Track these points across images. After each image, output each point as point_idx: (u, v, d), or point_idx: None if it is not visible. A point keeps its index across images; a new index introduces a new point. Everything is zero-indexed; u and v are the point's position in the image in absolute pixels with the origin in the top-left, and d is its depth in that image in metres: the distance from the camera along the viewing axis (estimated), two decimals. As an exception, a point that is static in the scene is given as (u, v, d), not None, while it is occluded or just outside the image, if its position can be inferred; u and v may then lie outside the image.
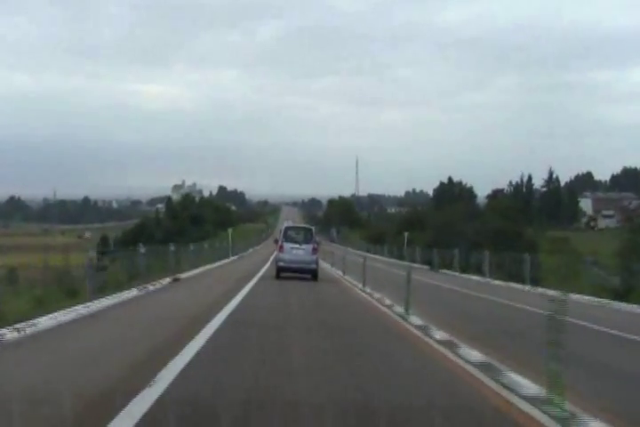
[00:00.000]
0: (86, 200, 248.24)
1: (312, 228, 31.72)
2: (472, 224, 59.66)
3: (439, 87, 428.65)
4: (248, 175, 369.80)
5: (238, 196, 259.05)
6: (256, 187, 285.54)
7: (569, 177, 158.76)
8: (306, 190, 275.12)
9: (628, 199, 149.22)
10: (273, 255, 38.39)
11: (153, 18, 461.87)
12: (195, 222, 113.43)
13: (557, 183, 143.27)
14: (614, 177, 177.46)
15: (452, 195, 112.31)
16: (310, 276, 28.02)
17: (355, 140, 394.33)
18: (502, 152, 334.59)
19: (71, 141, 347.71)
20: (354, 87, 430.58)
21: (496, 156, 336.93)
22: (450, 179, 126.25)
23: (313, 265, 28.21)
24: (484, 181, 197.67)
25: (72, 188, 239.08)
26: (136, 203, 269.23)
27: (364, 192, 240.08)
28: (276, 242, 29.63)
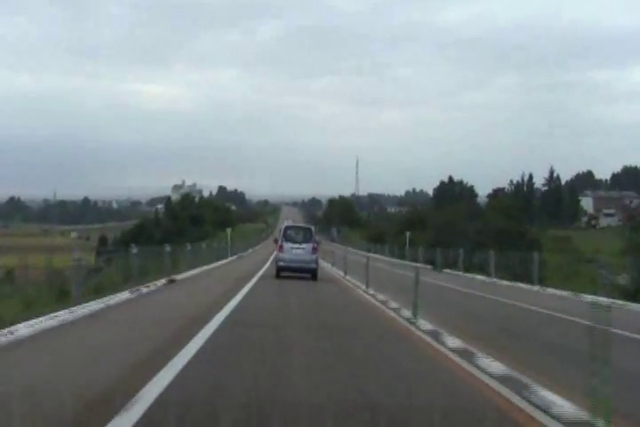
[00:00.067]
0: (86, 201, 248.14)
1: (312, 227, 31.91)
2: (474, 223, 59.11)
3: (439, 87, 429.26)
4: (248, 175, 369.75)
5: (238, 196, 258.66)
6: (256, 187, 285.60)
7: (569, 176, 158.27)
8: (306, 190, 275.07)
9: (629, 198, 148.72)
10: (272, 255, 38.56)
11: (153, 18, 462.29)
12: (194, 223, 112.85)
13: (558, 182, 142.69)
14: (615, 176, 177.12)
15: (453, 194, 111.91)
16: (310, 275, 28.03)
17: (355, 140, 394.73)
18: (502, 152, 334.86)
19: (71, 142, 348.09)
20: (354, 87, 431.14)
21: (496, 155, 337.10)
22: (450, 178, 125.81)
23: (313, 265, 28.24)
24: (484, 181, 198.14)
25: (72, 188, 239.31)
26: (136, 203, 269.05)
27: (364, 192, 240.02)
28: (276, 242, 29.78)
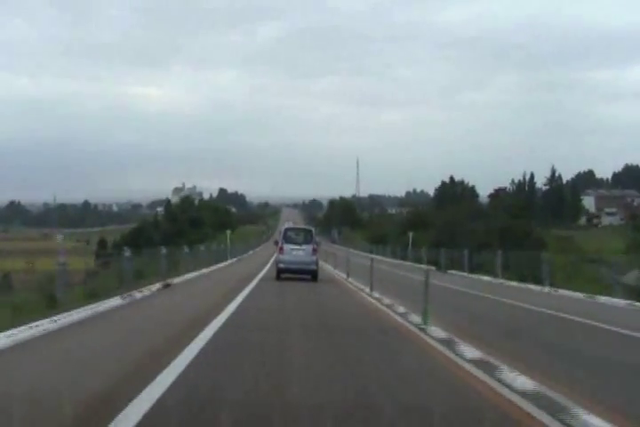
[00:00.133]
0: (86, 204, 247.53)
1: (312, 229, 32.11)
2: (476, 223, 58.49)
3: (439, 87, 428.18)
4: (248, 177, 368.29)
5: (239, 198, 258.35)
6: (256, 189, 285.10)
7: (570, 175, 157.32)
8: (306, 192, 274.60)
9: (631, 197, 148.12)
10: (273, 258, 37.95)
11: (153, 20, 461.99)
12: (194, 225, 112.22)
13: (560, 181, 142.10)
14: (616, 175, 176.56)
15: (454, 194, 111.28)
16: (310, 277, 28.03)
17: (355, 140, 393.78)
18: (503, 151, 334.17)
19: (71, 145, 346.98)
20: (354, 87, 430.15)
21: (496, 155, 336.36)
22: (452, 178, 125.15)
23: (313, 266, 28.30)
24: (485, 181, 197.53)
25: (72, 191, 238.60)
26: (136, 206, 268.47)
27: (365, 193, 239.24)
28: (276, 243, 29.86)
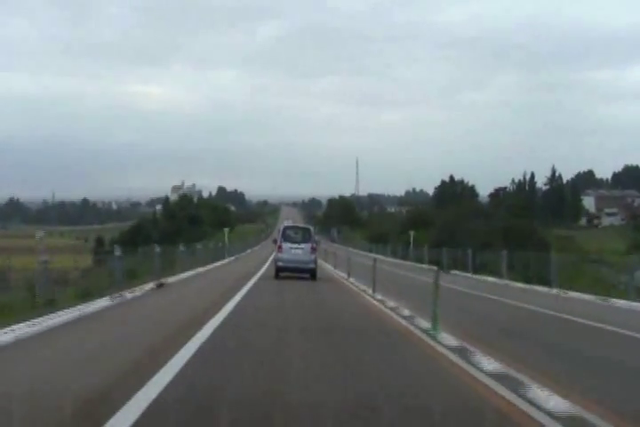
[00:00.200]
0: (85, 202, 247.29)
1: (310, 227, 32.03)
2: (477, 222, 58.25)
3: (439, 87, 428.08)
4: (248, 176, 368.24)
5: (238, 196, 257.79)
6: (256, 187, 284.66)
7: (570, 175, 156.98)
8: (305, 191, 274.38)
9: (632, 197, 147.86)
10: (272, 256, 37.93)
11: (153, 18, 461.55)
12: (192, 223, 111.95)
13: (560, 181, 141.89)
14: (616, 175, 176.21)
15: (454, 194, 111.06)
16: (309, 275, 28.03)
17: (355, 139, 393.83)
18: (502, 151, 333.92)
19: (70, 143, 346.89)
20: (354, 87, 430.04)
21: (496, 155, 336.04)
22: (451, 177, 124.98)
23: (311, 265, 28.28)
24: (484, 181, 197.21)
25: (71, 189, 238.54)
26: (135, 204, 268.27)
27: (364, 192, 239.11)
28: (275, 242, 29.83)
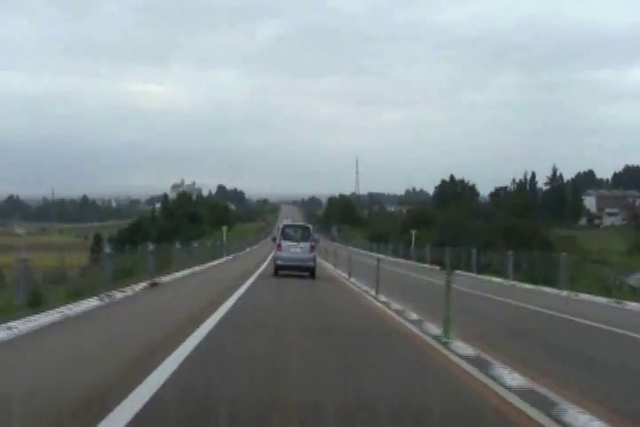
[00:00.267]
0: (85, 199, 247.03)
1: (309, 226, 32.27)
2: (479, 222, 57.87)
3: (439, 87, 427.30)
4: (248, 174, 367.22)
5: (238, 195, 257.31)
6: (256, 186, 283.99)
7: (571, 175, 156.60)
8: (305, 189, 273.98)
9: (633, 197, 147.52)
10: (271, 255, 37.72)
11: (153, 18, 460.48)
12: (191, 221, 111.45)
13: (561, 181, 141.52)
14: (616, 175, 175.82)
15: (454, 193, 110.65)
16: (308, 273, 28.19)
17: (355, 139, 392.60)
18: (503, 151, 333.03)
19: (70, 141, 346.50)
20: (354, 87, 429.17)
21: (496, 155, 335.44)
22: (452, 177, 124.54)
23: (310, 263, 28.40)
24: (484, 180, 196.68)
25: (71, 187, 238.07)
26: (135, 202, 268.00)
27: (364, 191, 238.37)
28: (274, 240, 29.91)
